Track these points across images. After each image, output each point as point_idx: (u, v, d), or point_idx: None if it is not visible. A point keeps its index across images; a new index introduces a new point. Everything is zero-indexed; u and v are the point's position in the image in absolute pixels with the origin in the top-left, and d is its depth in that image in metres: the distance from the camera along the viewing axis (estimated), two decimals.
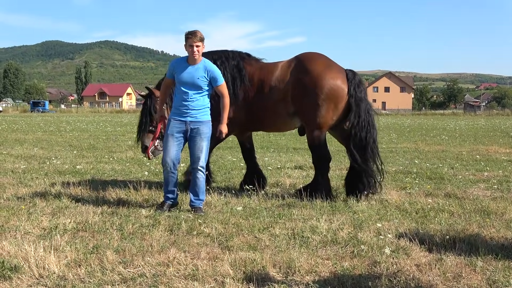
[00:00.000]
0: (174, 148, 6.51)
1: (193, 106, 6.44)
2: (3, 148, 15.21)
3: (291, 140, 19.54)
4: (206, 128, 6.52)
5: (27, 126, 30.25)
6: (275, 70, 7.50)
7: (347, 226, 5.76)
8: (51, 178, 9.27)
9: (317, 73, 7.18)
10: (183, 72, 6.45)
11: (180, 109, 6.48)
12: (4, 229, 5.56)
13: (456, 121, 46.63)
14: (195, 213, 6.37)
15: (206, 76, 6.43)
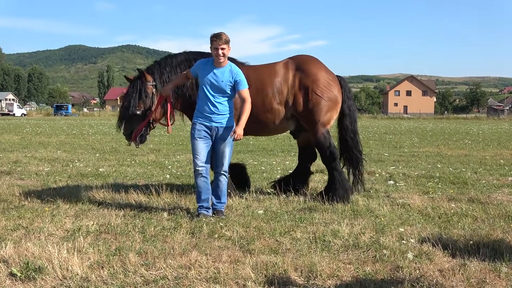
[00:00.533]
0: (204, 153, 6.35)
1: (218, 111, 6.32)
2: (27, 151, 15.41)
3: None
4: (230, 133, 6.38)
5: (50, 129, 30.61)
6: (274, 73, 7.48)
7: (369, 230, 5.72)
8: (74, 181, 9.38)
9: (320, 76, 7.49)
10: (208, 74, 6.33)
11: (205, 114, 6.34)
12: (28, 231, 5.63)
13: (479, 125, 46.08)
14: (217, 216, 6.35)
15: (231, 79, 6.32)
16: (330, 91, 7.49)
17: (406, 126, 41.40)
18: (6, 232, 5.58)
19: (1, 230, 5.66)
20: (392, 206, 7.13)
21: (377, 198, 7.65)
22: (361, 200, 7.25)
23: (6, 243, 5.02)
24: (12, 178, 9.76)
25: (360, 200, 7.28)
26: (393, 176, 10.07)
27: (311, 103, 7.38)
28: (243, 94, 6.40)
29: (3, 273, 4.29)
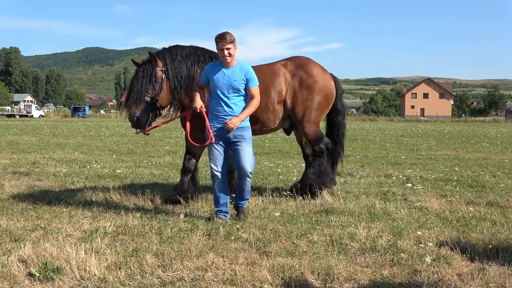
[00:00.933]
0: (220, 157, 6.30)
1: (233, 112, 6.21)
2: (45, 152, 15.55)
3: None
4: (248, 132, 6.33)
5: (68, 130, 30.87)
6: (275, 73, 7.63)
7: (386, 233, 5.69)
8: (92, 182, 9.45)
9: (320, 77, 7.83)
10: (220, 76, 6.24)
11: (220, 116, 6.25)
12: (46, 231, 5.68)
13: (497, 128, 45.65)
14: (241, 215, 6.38)
15: (243, 77, 6.23)
16: (328, 91, 7.91)
17: (423, 129, 41.13)
18: (25, 232, 5.64)
19: (20, 230, 5.72)
20: (410, 209, 7.08)
21: (394, 201, 7.60)
22: (378, 203, 7.21)
23: (24, 243, 5.06)
24: (30, 179, 9.86)
25: (377, 203, 7.24)
26: (411, 179, 10.00)
27: (310, 101, 7.71)
28: (253, 91, 6.30)
29: (22, 273, 4.33)
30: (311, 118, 7.79)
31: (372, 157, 15.16)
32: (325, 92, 7.87)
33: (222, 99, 6.23)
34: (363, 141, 22.82)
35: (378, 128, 41.53)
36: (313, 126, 7.86)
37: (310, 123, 7.81)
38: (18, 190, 8.40)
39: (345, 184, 9.36)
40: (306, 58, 8.09)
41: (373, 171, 11.45)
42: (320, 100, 7.81)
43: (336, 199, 7.53)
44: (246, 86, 6.27)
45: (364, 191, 8.46)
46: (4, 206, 7.07)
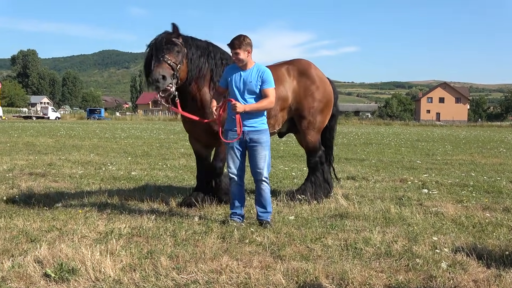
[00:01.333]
0: (237, 159, 6.27)
1: (250, 114, 6.16)
2: (61, 154, 15.67)
3: (343, 150, 19.41)
4: (266, 136, 6.26)
5: (83, 132, 31.09)
6: (279, 79, 7.41)
7: (402, 238, 5.65)
8: (107, 184, 9.50)
9: (321, 83, 7.90)
10: (236, 77, 6.24)
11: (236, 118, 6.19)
12: (62, 233, 5.71)
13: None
14: (264, 227, 6.09)
15: (259, 79, 6.18)
16: (329, 96, 7.97)
17: (438, 134, 40.87)
18: (41, 233, 5.68)
19: (36, 231, 5.76)
20: (425, 214, 7.03)
21: (409, 206, 7.55)
22: (393, 208, 7.17)
23: (40, 244, 5.10)
24: (46, 180, 9.93)
25: (392, 207, 7.20)
26: (426, 184, 9.93)
27: (314, 109, 7.73)
28: (267, 92, 6.18)
29: (38, 274, 4.36)
30: (316, 125, 7.85)
31: (387, 161, 15.09)
32: (327, 98, 7.93)
33: (239, 101, 6.19)
34: (378, 145, 22.73)
35: (393, 132, 41.34)
36: (316, 134, 7.92)
37: (314, 131, 7.87)
38: (34, 191, 8.47)
39: (360, 189, 9.32)
40: (307, 62, 8.04)
41: (388, 175, 11.40)
42: (323, 107, 7.87)
43: (351, 203, 7.49)
44: (261, 87, 6.20)
45: (379, 196, 8.42)
46: (20, 207, 7.13)
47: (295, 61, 8.00)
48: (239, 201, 6.36)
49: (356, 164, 14.12)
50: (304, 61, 8.01)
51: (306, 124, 7.78)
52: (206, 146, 7.38)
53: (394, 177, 11.08)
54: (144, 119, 78.51)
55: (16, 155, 14.85)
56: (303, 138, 7.97)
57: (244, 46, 6.11)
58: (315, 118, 7.78)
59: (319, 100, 7.77)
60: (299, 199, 7.67)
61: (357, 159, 15.64)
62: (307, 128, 7.82)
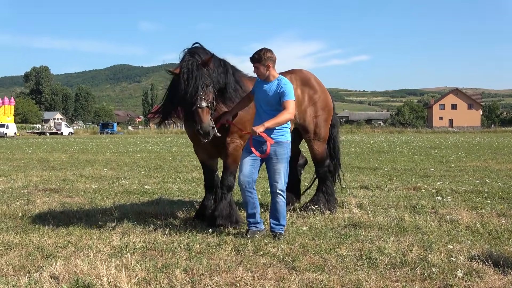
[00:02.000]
0: (248, 165, 6.25)
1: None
2: (75, 169, 15.77)
3: (356, 159, 19.34)
4: (283, 149, 6.20)
5: (97, 147, 31.28)
6: None
7: (416, 247, 5.61)
8: (121, 198, 9.54)
9: (322, 92, 7.90)
10: (259, 90, 6.34)
11: None
12: (77, 248, 5.74)
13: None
14: (276, 239, 6.05)
15: (278, 92, 6.18)
16: (330, 105, 8.04)
17: (452, 140, 40.63)
18: (56, 249, 5.71)
19: (51, 247, 5.80)
20: (440, 222, 6.98)
21: (424, 214, 7.51)
22: (407, 216, 7.14)
23: (56, 260, 5.14)
24: (61, 195, 10.00)
25: (407, 216, 7.16)
26: (440, 192, 9.87)
27: (318, 118, 7.77)
28: (285, 104, 6.12)
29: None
30: (321, 135, 7.87)
31: (400, 169, 15.02)
32: (329, 107, 7.98)
33: (260, 113, 6.31)
34: (390, 154, 22.63)
35: (406, 140, 41.15)
36: (322, 143, 7.94)
37: (320, 141, 7.90)
38: (49, 207, 8.53)
39: (374, 198, 9.29)
40: (307, 72, 8.05)
41: (401, 183, 11.34)
42: (326, 116, 7.92)
43: (365, 212, 7.47)
44: (281, 99, 6.18)
45: (393, 204, 8.38)
46: (36, 223, 7.18)
47: (296, 70, 7.97)
48: (251, 208, 6.32)
49: (369, 173, 14.07)
50: (305, 71, 8.02)
51: (312, 135, 7.80)
52: (211, 156, 7.31)
53: (408, 185, 11.02)
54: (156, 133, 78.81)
55: (31, 171, 14.98)
56: (309, 149, 7.98)
57: (263, 61, 6.21)
58: (320, 128, 7.81)
59: (322, 109, 7.81)
60: (312, 210, 7.66)
61: (370, 168, 15.58)
62: (313, 139, 7.83)
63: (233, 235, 6.26)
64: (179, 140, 43.72)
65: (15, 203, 8.91)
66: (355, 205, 7.97)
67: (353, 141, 39.77)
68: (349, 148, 27.62)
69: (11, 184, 11.79)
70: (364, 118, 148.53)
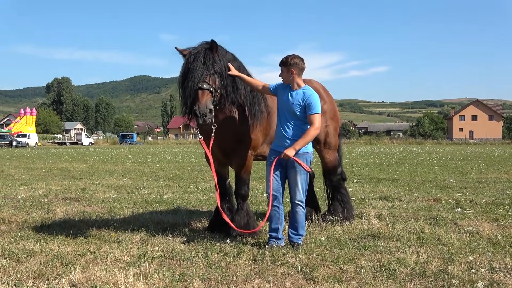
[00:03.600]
0: (277, 180, 6.20)
1: (290, 135, 6.10)
2: (94, 179, 15.89)
3: (375, 170, 19.23)
4: (303, 160, 6.10)
5: (116, 157, 31.51)
6: None
7: (436, 259, 5.55)
8: (139, 207, 9.58)
9: (331, 102, 7.98)
10: (283, 94, 6.23)
11: (279, 137, 6.22)
12: (96, 256, 5.77)
13: None
14: (294, 249, 5.99)
15: (301, 102, 6.07)
16: (338, 115, 8.12)
17: (472, 152, 40.22)
18: (75, 257, 5.74)
19: (70, 255, 5.83)
20: (460, 234, 6.89)
21: (444, 225, 7.42)
22: (427, 228, 7.06)
23: (75, 267, 5.16)
24: (80, 204, 10.08)
25: (426, 227, 7.08)
26: (460, 203, 9.76)
27: (328, 128, 7.76)
28: (311, 118, 6.04)
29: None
30: (331, 144, 7.87)
31: (420, 181, 14.90)
32: (337, 116, 8.07)
33: (281, 120, 6.23)
34: (410, 165, 22.47)
35: (425, 152, 40.83)
36: (333, 152, 7.94)
37: (331, 150, 7.90)
38: (68, 215, 8.59)
39: (393, 209, 9.21)
40: (317, 82, 8.00)
41: (421, 195, 11.24)
42: (335, 125, 7.96)
43: (384, 223, 7.41)
44: (307, 112, 6.08)
45: (413, 216, 8.30)
46: (55, 231, 7.23)
47: (305, 81, 7.81)
48: (275, 223, 6.24)
49: (389, 184, 13.96)
50: (314, 81, 7.95)
51: (322, 144, 7.80)
52: (221, 163, 7.16)
53: (428, 196, 10.92)
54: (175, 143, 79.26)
55: (51, 181, 15.12)
56: (321, 158, 7.97)
57: (289, 66, 6.14)
58: (330, 137, 7.80)
59: (331, 118, 7.84)
60: (331, 220, 7.62)
61: (390, 179, 15.47)
62: (324, 148, 7.84)
63: (251, 245, 6.24)
64: (197, 151, 43.86)
65: (36, 212, 9.00)
66: (374, 216, 7.90)
67: (372, 152, 39.56)
68: (368, 159, 27.48)
69: (32, 193, 11.92)
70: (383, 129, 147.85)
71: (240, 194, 6.88)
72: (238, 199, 6.90)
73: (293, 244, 6.15)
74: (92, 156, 32.70)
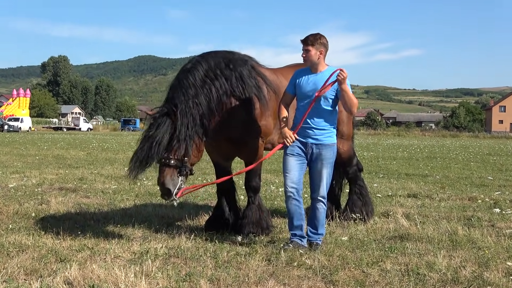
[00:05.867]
0: (295, 171, 6.07)
1: (316, 124, 6.00)
2: (93, 168, 16.00)
3: (403, 165, 19.16)
4: (330, 152, 6.07)
5: (117, 145, 31.68)
6: None
7: (471, 263, 5.53)
8: (142, 200, 9.64)
9: None
10: (303, 81, 6.06)
11: (303, 128, 6.04)
12: (94, 252, 5.82)
13: None
14: (312, 249, 5.96)
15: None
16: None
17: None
18: (71, 252, 5.79)
19: (66, 250, 5.88)
20: (498, 237, 6.86)
21: (479, 227, 7.39)
22: (461, 229, 7.02)
23: (71, 264, 5.20)
24: (77, 195, 10.15)
25: (460, 229, 7.05)
26: (499, 203, 9.71)
27: (341, 115, 7.30)
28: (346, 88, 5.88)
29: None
30: (345, 132, 7.71)
31: (453, 177, 14.83)
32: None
33: (304, 108, 6.02)
34: (443, 160, 22.37)
35: (460, 145, 40.60)
36: (347, 141, 7.84)
37: (344, 139, 7.71)
38: (64, 207, 8.66)
39: (423, 208, 9.19)
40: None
41: (455, 193, 11.20)
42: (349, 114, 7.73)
43: (413, 223, 7.39)
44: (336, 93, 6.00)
45: (445, 216, 8.28)
46: (50, 224, 7.28)
47: None
48: (298, 219, 6.14)
49: (419, 180, 13.92)
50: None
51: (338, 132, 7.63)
52: (226, 156, 7.15)
53: (462, 195, 10.88)
54: None
55: (46, 169, 15.24)
56: None
57: (317, 45, 5.96)
58: (343, 125, 7.62)
59: None
60: (353, 219, 7.60)
61: (420, 175, 15.41)
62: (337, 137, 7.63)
63: (265, 244, 6.25)
64: None
65: (28, 202, 9.08)
66: (402, 215, 7.88)
67: (400, 144, 39.42)
68: (396, 153, 27.39)
69: (25, 182, 12.02)
70: (414, 120, 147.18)
71: (251, 186, 6.87)
72: (249, 192, 6.90)
73: (312, 244, 6.13)
74: (90, 143, 32.89)
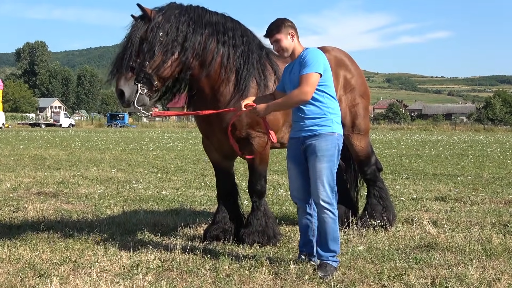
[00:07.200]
0: (295, 178, 5.96)
1: (306, 114, 5.69)
2: (76, 169, 16.04)
3: (430, 164, 19.15)
4: (325, 142, 5.63)
5: (103, 143, 31.72)
6: None
7: (507, 275, 5.54)
8: (132, 206, 9.66)
9: (360, 75, 7.94)
10: (285, 74, 6.02)
11: (293, 122, 5.98)
12: (77, 265, 5.84)
13: None
14: (322, 273, 5.52)
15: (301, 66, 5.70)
16: (368, 91, 8.12)
17: None
18: (51, 266, 5.82)
19: (45, 263, 5.91)
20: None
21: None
22: (495, 237, 7.04)
23: (51, 279, 5.23)
24: (58, 201, 10.19)
25: (495, 237, 7.07)
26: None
27: (357, 107, 7.63)
28: (301, 78, 5.63)
29: None
30: (361, 127, 7.79)
31: (488, 178, 14.81)
32: (368, 93, 8.07)
33: None
34: (475, 158, 22.34)
35: (495, 141, 40.53)
36: (364, 137, 7.90)
37: (361, 135, 7.80)
38: (43, 214, 8.70)
39: (453, 212, 9.19)
40: (341, 50, 7.92)
41: (489, 195, 11.20)
42: (366, 104, 7.91)
43: (441, 231, 7.40)
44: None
45: (478, 222, 8.29)
46: (27, 233, 7.32)
47: (327, 48, 7.65)
48: (304, 236, 6.03)
49: (448, 181, 13.91)
50: (338, 49, 7.89)
51: (350, 128, 7.65)
52: (226, 155, 7.08)
53: (497, 197, 10.89)
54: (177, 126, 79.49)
55: (22, 171, 15.29)
56: (349, 146, 7.73)
57: (284, 29, 5.78)
58: (359, 119, 7.70)
59: (361, 95, 7.79)
60: (373, 226, 7.62)
61: (449, 175, 15.41)
62: (352, 133, 7.70)
63: (271, 255, 6.27)
64: None
65: (2, 209, 9.13)
66: (428, 221, 7.89)
67: (427, 140, 39.37)
68: (422, 150, 27.37)
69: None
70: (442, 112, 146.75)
71: (256, 190, 6.86)
72: (253, 196, 6.90)
73: (320, 264, 5.73)
74: (73, 141, 32.95)
